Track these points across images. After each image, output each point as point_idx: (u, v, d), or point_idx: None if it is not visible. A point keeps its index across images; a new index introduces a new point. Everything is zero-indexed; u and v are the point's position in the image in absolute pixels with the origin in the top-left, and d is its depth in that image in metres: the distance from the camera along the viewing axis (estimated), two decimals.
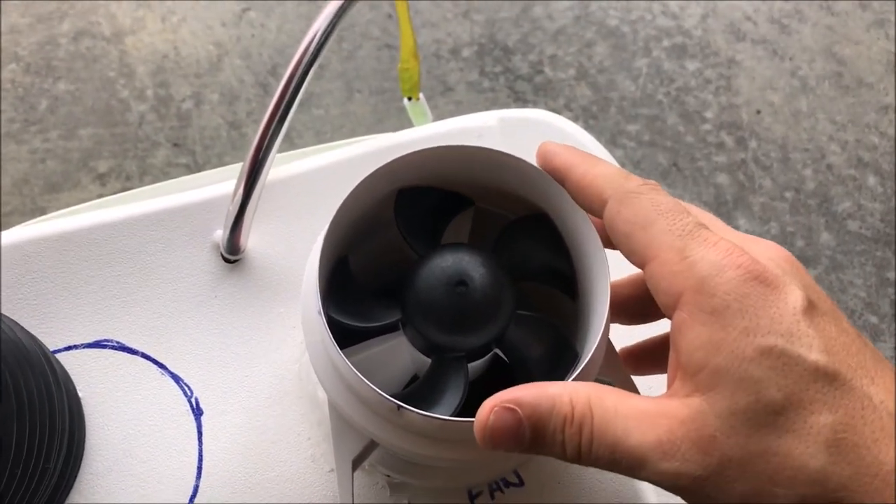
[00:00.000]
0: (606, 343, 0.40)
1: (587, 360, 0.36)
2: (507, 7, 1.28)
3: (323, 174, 0.53)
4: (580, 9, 1.30)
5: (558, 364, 0.39)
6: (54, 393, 0.41)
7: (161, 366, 0.47)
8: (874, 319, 1.08)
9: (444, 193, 0.42)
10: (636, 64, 1.26)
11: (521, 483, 0.45)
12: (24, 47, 1.17)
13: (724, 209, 1.16)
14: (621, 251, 0.34)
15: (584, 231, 0.39)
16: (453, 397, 0.37)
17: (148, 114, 1.14)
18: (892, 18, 1.30)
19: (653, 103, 1.22)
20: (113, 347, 0.47)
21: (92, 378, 0.46)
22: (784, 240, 1.14)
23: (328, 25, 0.48)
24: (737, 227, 1.12)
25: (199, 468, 0.44)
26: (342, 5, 0.48)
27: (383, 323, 0.39)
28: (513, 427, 0.31)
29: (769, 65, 1.28)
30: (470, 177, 0.41)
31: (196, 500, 0.44)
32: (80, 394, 0.45)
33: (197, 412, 0.46)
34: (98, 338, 0.47)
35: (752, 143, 1.21)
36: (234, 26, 1.23)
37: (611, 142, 1.16)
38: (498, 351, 0.40)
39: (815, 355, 0.28)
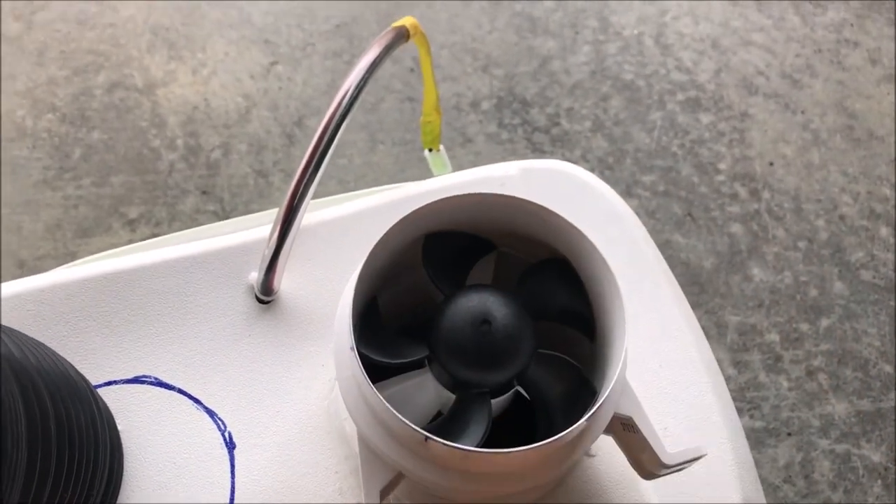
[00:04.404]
0: (624, 382, 0.41)
1: (605, 397, 0.38)
2: (525, 62, 1.32)
3: (352, 221, 0.55)
4: (596, 64, 1.33)
5: (577, 401, 0.41)
6: (98, 425, 0.43)
7: (196, 401, 0.49)
8: (889, 368, 1.09)
9: (468, 238, 0.44)
10: (651, 117, 1.29)
11: None
12: (60, 98, 1.21)
13: (738, 258, 1.17)
14: None
15: (603, 275, 0.41)
16: (477, 431, 0.39)
17: (178, 162, 1.17)
18: None
19: (667, 155, 1.25)
20: (151, 383, 0.49)
21: (130, 412, 0.48)
22: (797, 289, 1.16)
23: (360, 80, 0.51)
24: (751, 277, 1.14)
25: (232, 500, 0.46)
26: (374, 60, 0.51)
27: (411, 359, 0.41)
28: None
29: (781, 118, 1.30)
30: (494, 222, 0.43)
31: None
32: (119, 427, 0.47)
33: (230, 446, 0.48)
34: (137, 374, 0.49)
35: (766, 194, 1.23)
36: (262, 79, 1.27)
37: (626, 192, 1.19)
38: (520, 388, 0.42)
39: None
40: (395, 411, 0.36)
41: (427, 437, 0.36)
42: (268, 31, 1.31)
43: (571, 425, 0.37)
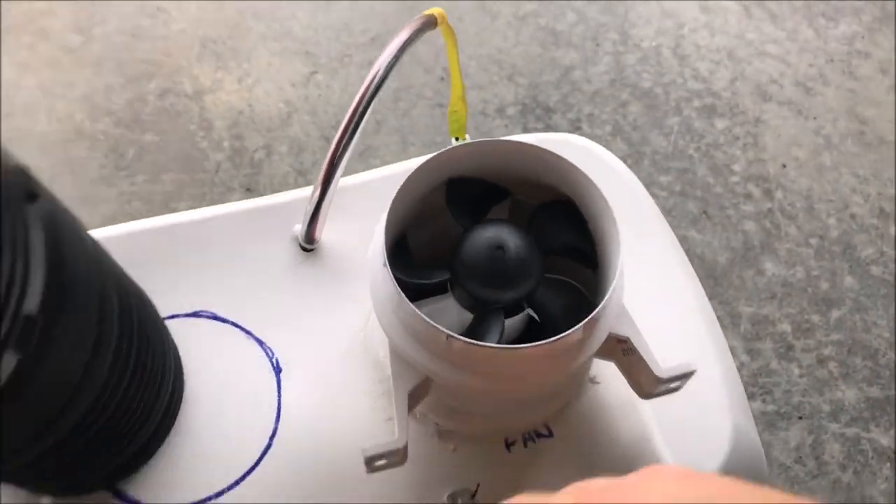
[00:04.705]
0: (621, 304, 0.47)
1: (600, 306, 0.43)
2: (548, 72, 1.38)
3: (383, 182, 0.61)
4: (616, 73, 1.39)
5: (579, 318, 0.46)
6: (166, 343, 0.50)
7: (248, 332, 0.55)
8: None
9: (486, 185, 0.50)
10: (668, 122, 1.34)
11: (551, 434, 0.52)
12: (115, 103, 1.30)
13: (752, 254, 1.22)
14: None
15: (603, 212, 0.47)
16: (491, 340, 0.45)
17: (224, 162, 1.25)
18: None
19: (684, 157, 1.30)
20: (208, 317, 0.55)
21: (190, 341, 0.54)
22: (809, 282, 1.20)
23: (391, 59, 0.57)
24: (764, 271, 1.18)
25: (278, 415, 0.52)
26: (405, 41, 0.58)
27: (435, 280, 0.47)
28: None
29: (794, 123, 1.35)
30: (508, 169, 0.49)
31: (274, 440, 0.51)
32: (180, 353, 0.53)
33: (277, 370, 0.54)
34: (196, 309, 0.55)
35: (779, 194, 1.27)
36: (302, 87, 1.34)
37: None
38: (530, 311, 0.48)
39: None
40: (422, 314, 0.42)
41: (448, 336, 0.42)
42: (308, 43, 1.39)
43: None
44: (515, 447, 0.52)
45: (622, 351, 0.49)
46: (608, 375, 0.54)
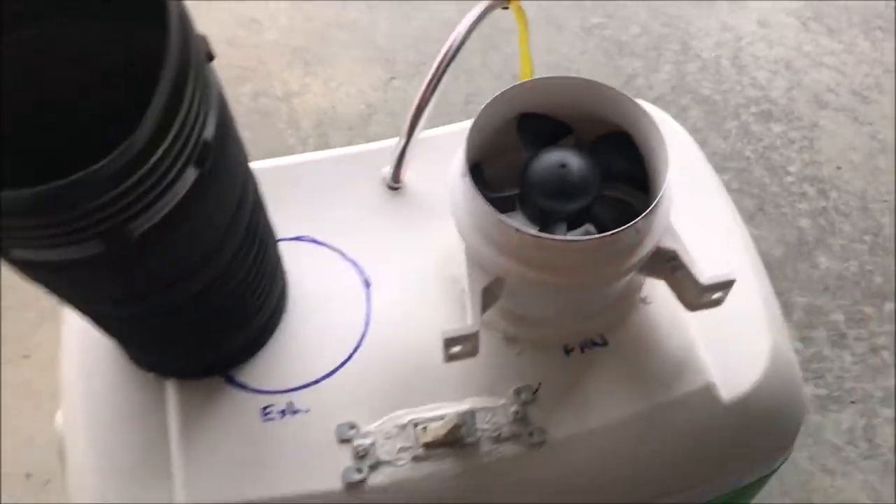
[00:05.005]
0: (668, 220, 0.53)
1: (648, 210, 0.49)
2: (612, 79, 1.45)
3: (456, 136, 0.68)
4: (677, 80, 1.45)
5: None
6: (278, 252, 0.57)
7: (342, 253, 0.62)
8: None
9: (552, 121, 0.57)
10: (726, 126, 1.39)
11: (605, 343, 0.58)
12: None
13: (806, 248, 1.25)
14: None
15: (654, 139, 0.53)
16: None
17: None
18: None
19: (741, 158, 1.35)
20: (307, 241, 0.63)
21: (292, 260, 0.62)
22: (862, 276, 1.22)
23: (469, 27, 0.64)
24: (818, 265, 1.22)
25: (367, 320, 0.59)
26: (479, 15, 0.65)
27: (507, 194, 0.54)
28: None
29: (850, 129, 1.39)
30: (572, 104, 0.56)
31: (364, 340, 0.58)
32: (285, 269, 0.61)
33: (367, 284, 0.61)
34: (298, 234, 0.63)
35: (833, 194, 1.31)
36: (381, 91, 1.44)
37: None
38: (589, 226, 0.54)
39: None
40: (496, 210, 0.49)
41: (518, 230, 0.48)
42: (388, 51, 1.49)
43: None
44: (573, 353, 0.58)
45: (671, 268, 0.55)
46: (658, 297, 0.59)
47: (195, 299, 0.44)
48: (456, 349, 0.52)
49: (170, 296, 0.41)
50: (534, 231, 0.48)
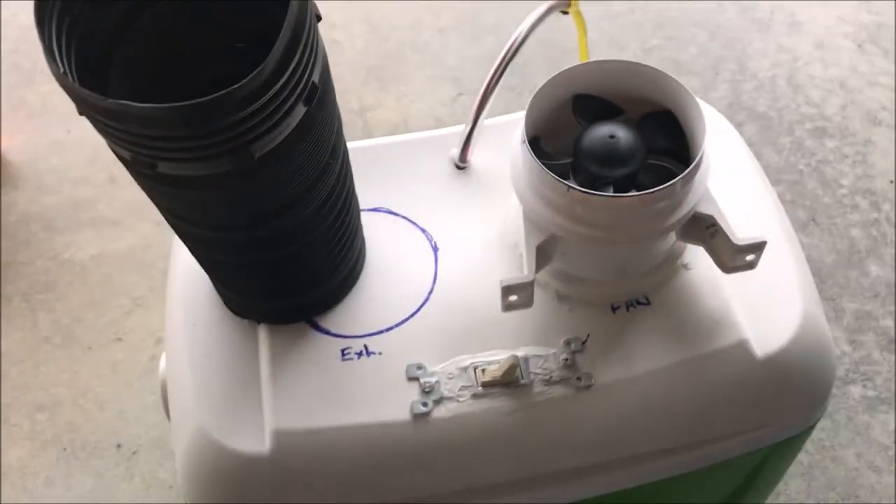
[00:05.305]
0: (705, 186, 0.58)
1: (686, 171, 0.55)
2: None
3: (515, 125, 0.75)
4: (733, 98, 1.50)
5: None
6: (359, 217, 0.65)
7: (413, 222, 0.69)
8: None
9: (604, 102, 0.63)
10: (781, 140, 1.43)
11: (649, 303, 0.63)
12: None
13: (857, 257, 1.28)
14: None
15: (695, 118, 0.59)
16: None
17: None
18: None
19: (794, 171, 1.38)
20: (384, 212, 0.70)
21: (371, 228, 0.69)
22: None
23: (530, 27, 0.71)
24: (868, 273, 1.24)
25: (435, 278, 0.66)
26: (540, 16, 0.72)
27: (562, 161, 0.60)
28: None
29: None
30: (622, 86, 0.62)
31: (431, 296, 0.65)
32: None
33: (435, 249, 0.67)
34: (375, 206, 0.70)
35: (885, 206, 1.33)
36: (449, 106, 1.52)
37: None
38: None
39: None
40: (549, 171, 0.55)
41: (570, 187, 0.55)
42: (456, 70, 1.57)
43: None
44: (619, 311, 0.63)
45: (709, 234, 0.60)
46: (699, 264, 0.65)
47: (292, 233, 0.51)
48: (513, 298, 0.58)
49: (274, 224, 0.48)
50: (584, 189, 0.54)
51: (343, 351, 0.62)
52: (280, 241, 0.51)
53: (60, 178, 1.48)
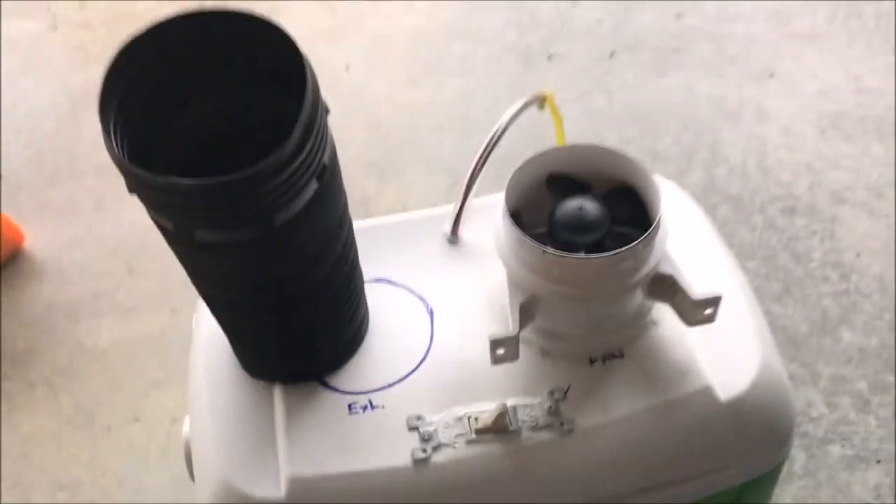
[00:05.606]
0: (664, 250, 0.66)
1: (645, 235, 0.62)
2: None
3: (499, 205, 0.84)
4: (706, 182, 1.59)
5: None
6: (363, 284, 0.72)
7: (411, 290, 0.76)
8: None
9: (574, 181, 0.72)
10: (753, 219, 1.51)
11: (623, 356, 0.70)
12: None
13: (830, 325, 1.34)
14: None
15: (653, 192, 0.67)
16: None
17: None
18: None
19: (768, 247, 1.46)
20: (385, 282, 0.78)
21: (373, 297, 0.76)
22: (884, 349, 1.30)
23: (509, 120, 0.80)
24: (840, 339, 1.31)
25: (431, 339, 0.72)
26: (516, 112, 0.81)
27: (538, 231, 0.68)
28: None
29: (868, 221, 1.49)
30: (590, 166, 0.70)
31: (428, 354, 0.71)
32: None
33: (431, 313, 0.75)
34: (377, 277, 0.78)
35: (854, 278, 1.40)
36: (445, 194, 1.62)
37: None
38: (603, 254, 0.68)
39: None
40: (527, 237, 0.63)
41: (544, 251, 0.62)
42: (450, 163, 1.68)
43: None
44: (596, 363, 0.70)
45: (671, 292, 0.67)
46: (665, 319, 0.72)
47: (304, 297, 0.58)
48: (500, 351, 0.65)
49: (290, 287, 0.56)
50: (557, 252, 0.62)
51: (350, 406, 0.69)
52: (293, 305, 0.58)
53: (82, 271, 1.56)
